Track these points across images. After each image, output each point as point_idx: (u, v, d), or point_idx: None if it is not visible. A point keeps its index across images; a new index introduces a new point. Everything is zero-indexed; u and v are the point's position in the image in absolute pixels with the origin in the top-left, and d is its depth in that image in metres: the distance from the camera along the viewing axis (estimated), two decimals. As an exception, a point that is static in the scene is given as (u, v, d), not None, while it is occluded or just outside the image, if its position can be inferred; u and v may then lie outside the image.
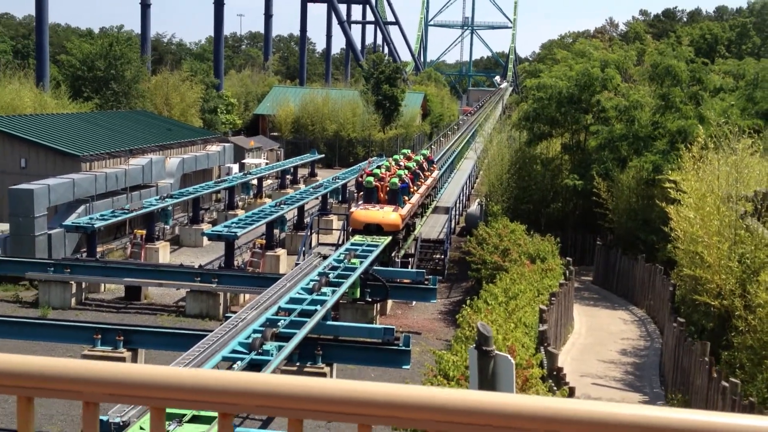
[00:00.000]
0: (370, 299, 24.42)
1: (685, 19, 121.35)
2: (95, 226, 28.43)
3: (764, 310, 15.56)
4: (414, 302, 27.48)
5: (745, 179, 19.67)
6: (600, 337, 24.16)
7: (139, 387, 1.61)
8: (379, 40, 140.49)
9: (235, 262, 28.91)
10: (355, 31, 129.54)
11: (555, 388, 14.01)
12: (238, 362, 14.33)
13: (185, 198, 35.78)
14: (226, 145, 48.32)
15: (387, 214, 27.26)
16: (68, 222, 29.02)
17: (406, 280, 26.11)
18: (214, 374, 1.60)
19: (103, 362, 1.72)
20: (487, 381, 8.07)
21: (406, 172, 30.93)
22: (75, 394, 1.67)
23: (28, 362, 1.67)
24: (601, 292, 30.64)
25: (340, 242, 29.62)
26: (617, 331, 25.12)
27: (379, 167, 31.95)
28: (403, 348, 17.90)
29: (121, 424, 11.52)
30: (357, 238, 26.37)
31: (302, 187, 47.30)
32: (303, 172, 56.11)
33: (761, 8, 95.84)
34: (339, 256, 23.52)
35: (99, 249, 29.70)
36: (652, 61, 34.02)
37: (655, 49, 44.39)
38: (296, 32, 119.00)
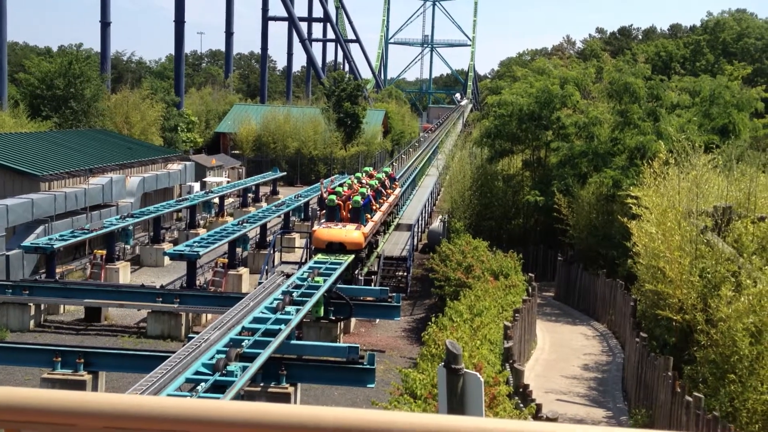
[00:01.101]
0: (333, 317, 24.33)
1: (640, 37, 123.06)
2: (54, 246, 28.03)
3: (725, 324, 15.74)
4: (377, 320, 27.44)
5: (705, 194, 19.96)
6: (563, 353, 24.30)
7: (139, 419, 1.57)
8: (340, 58, 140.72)
9: (197, 282, 28.66)
10: (316, 48, 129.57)
11: (522, 405, 14.04)
12: (202, 384, 14.17)
13: (146, 217, 35.44)
14: (187, 163, 48.01)
15: (350, 233, 27.20)
16: (27, 243, 28.59)
17: (369, 298, 26.05)
18: (233, 405, 1.57)
19: (99, 393, 1.68)
20: (456, 400, 8.07)
21: (369, 189, 30.93)
22: (68, 428, 1.63)
23: (18, 393, 1.63)
24: (563, 307, 30.86)
25: (303, 260, 29.49)
26: (579, 346, 25.29)
27: (341, 185, 31.92)
28: (368, 366, 17.82)
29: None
30: (320, 256, 26.28)
31: (264, 205, 47.09)
32: (265, 190, 55.88)
33: (714, 26, 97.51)
34: (302, 275, 23.41)
35: (58, 270, 29.27)
36: (610, 78, 34.46)
37: (613, 66, 44.97)
38: (257, 50, 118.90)
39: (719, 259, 17.94)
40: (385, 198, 33.98)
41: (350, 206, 28.52)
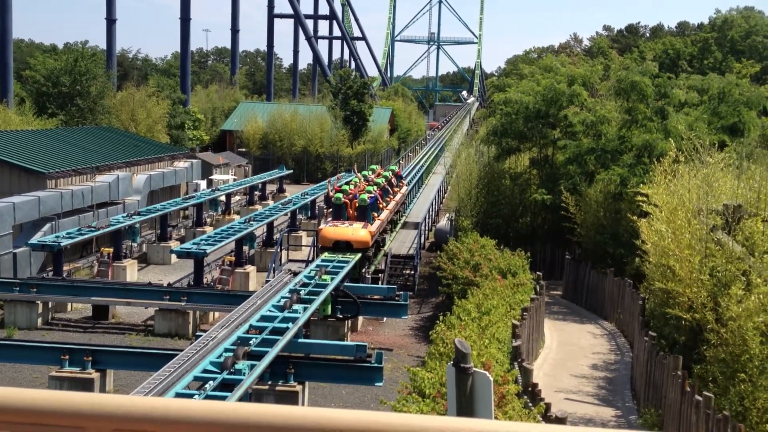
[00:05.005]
0: (341, 316, 24.28)
1: (647, 35, 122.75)
2: (61, 244, 28.02)
3: (736, 323, 15.64)
4: (385, 318, 27.37)
5: (716, 193, 19.83)
6: (571, 352, 24.21)
7: (148, 421, 1.51)
8: (346, 56, 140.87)
9: (204, 280, 28.63)
10: (322, 46, 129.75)
11: (530, 404, 13.95)
12: (210, 382, 14.13)
13: (153, 215, 35.43)
14: (194, 161, 48.00)
15: (356, 231, 27.13)
16: (34, 240, 28.60)
17: (376, 297, 25.97)
18: (240, 407, 1.51)
19: (108, 395, 1.62)
20: (466, 399, 8.00)
21: (375, 188, 30.86)
22: (77, 430, 1.56)
23: (26, 395, 1.57)
24: (571, 306, 30.75)
25: (310, 259, 29.44)
26: (587, 345, 25.19)
27: (347, 183, 31.84)
28: (376, 365, 17.77)
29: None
30: (327, 255, 26.23)
31: (271, 203, 47.07)
32: (271, 188, 55.88)
33: (722, 24, 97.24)
34: (310, 273, 23.36)
35: (65, 268, 29.28)
36: (617, 76, 34.30)
37: (621, 64, 44.80)
38: (263, 47, 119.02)
39: (729, 257, 17.82)
40: (392, 196, 33.91)
41: (357, 204, 28.45)
